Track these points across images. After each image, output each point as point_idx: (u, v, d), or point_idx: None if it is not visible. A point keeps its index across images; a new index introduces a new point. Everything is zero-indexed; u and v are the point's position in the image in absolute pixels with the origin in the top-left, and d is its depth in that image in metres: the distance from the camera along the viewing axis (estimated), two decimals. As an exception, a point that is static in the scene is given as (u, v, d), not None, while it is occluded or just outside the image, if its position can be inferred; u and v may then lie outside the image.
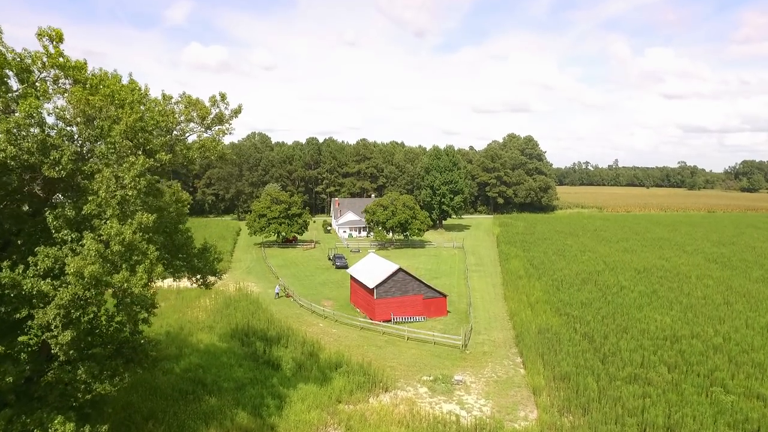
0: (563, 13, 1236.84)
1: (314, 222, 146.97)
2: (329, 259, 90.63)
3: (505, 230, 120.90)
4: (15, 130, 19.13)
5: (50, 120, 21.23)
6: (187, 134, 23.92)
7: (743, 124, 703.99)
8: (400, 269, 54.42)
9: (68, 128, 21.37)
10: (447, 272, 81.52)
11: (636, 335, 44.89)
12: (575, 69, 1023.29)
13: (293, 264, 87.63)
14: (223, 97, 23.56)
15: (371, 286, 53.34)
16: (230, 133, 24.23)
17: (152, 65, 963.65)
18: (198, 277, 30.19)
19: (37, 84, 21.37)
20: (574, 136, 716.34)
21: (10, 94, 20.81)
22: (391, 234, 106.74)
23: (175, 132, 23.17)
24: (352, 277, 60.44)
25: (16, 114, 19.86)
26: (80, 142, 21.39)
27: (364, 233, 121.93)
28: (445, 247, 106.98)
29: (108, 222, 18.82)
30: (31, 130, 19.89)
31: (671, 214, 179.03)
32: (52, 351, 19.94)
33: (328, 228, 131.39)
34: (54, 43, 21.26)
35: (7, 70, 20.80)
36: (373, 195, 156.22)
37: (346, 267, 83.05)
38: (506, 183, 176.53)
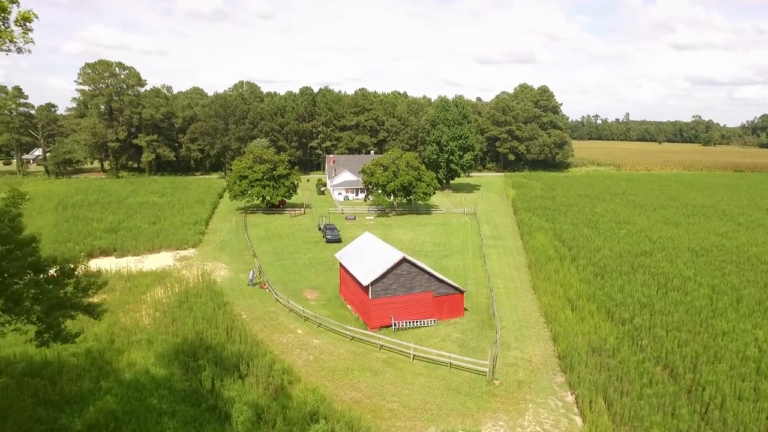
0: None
1: (308, 181, 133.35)
2: (319, 229, 77.47)
3: (521, 192, 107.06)
4: None
5: None
6: None
7: (755, 76, 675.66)
8: (403, 259, 41.15)
9: None
10: (459, 248, 68.42)
11: (737, 366, 31.97)
12: (582, 18, 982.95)
13: (277, 236, 74.47)
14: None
15: (365, 282, 40.23)
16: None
17: (146, 13, 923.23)
18: (42, 327, 16.85)
19: None
20: (578, 89, 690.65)
21: None
22: (392, 197, 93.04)
23: None
24: (341, 265, 47.34)
25: None
26: None
27: (362, 195, 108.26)
28: (455, 213, 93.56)
29: None
30: None
31: (696, 173, 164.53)
32: None
33: (322, 189, 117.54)
34: None
35: None
36: (372, 151, 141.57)
37: (338, 241, 70.18)
38: (518, 138, 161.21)
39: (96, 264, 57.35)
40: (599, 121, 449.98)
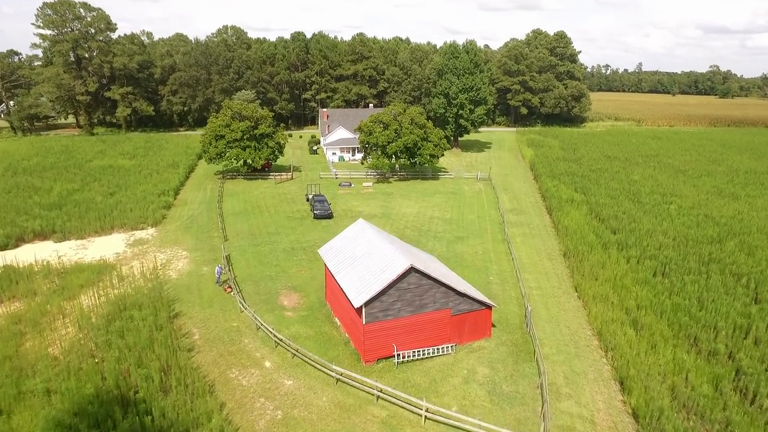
0: None
1: (300, 138, 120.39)
2: (307, 200, 65.52)
3: (540, 153, 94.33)
4: None
5: None
6: None
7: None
8: (411, 269, 29.36)
9: None
10: (475, 227, 56.65)
11: None
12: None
13: (256, 209, 62.58)
14: None
15: (357, 303, 28.64)
16: None
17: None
18: None
19: None
20: (585, 37, 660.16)
21: None
22: (394, 160, 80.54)
23: None
24: (327, 266, 35.59)
25: None
26: None
27: (359, 156, 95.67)
28: (466, 178, 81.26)
29: None
30: None
31: (725, 129, 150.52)
32: None
33: (315, 148, 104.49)
34: None
35: None
36: (371, 104, 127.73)
37: (328, 216, 58.63)
38: (531, 89, 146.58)
39: (15, 255, 45.71)
40: (608, 72, 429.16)
